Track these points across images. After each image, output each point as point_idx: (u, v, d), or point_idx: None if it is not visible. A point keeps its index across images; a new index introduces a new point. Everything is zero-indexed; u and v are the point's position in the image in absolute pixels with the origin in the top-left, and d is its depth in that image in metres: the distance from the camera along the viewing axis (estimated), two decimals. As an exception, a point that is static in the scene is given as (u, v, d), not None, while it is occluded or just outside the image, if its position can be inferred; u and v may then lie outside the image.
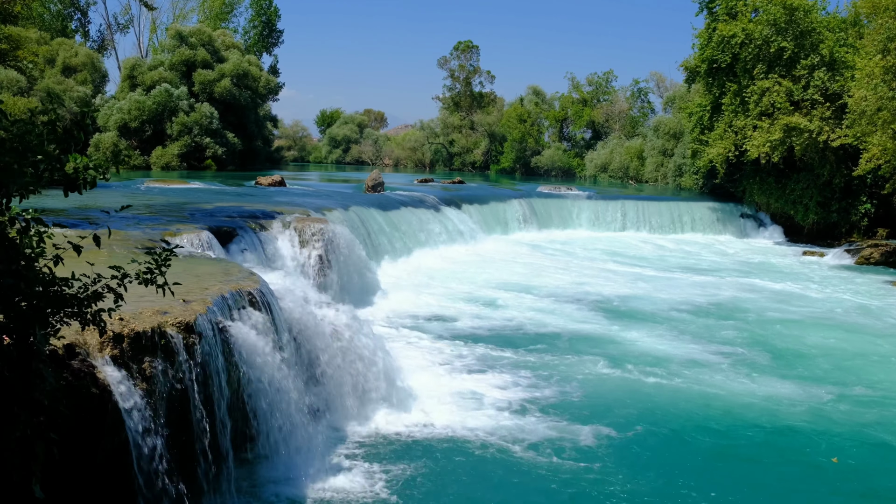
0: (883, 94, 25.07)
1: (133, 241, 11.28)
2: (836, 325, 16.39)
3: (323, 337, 9.58)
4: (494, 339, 13.95)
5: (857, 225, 31.38)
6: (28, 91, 43.97)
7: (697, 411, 10.50)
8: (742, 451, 9.28)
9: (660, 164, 52.24)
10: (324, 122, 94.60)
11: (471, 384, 11.18)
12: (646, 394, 11.16)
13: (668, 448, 9.29)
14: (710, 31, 33.28)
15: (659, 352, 13.50)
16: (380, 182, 29.13)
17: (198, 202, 19.48)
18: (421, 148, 78.77)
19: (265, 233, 15.22)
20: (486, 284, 19.28)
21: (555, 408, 10.35)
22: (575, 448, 9.01)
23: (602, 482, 8.14)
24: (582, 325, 15.41)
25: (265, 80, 53.64)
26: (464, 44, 75.04)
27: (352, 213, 21.02)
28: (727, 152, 32.30)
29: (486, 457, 8.69)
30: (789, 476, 8.65)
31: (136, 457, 5.96)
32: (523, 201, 32.44)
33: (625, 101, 67.18)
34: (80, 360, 5.73)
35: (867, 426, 10.13)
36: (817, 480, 8.57)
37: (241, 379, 7.60)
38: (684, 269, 23.89)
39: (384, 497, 7.66)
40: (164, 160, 46.14)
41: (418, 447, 8.89)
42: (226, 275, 9.18)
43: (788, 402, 10.97)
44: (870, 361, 13.52)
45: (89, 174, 4.51)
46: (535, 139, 67.55)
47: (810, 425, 10.07)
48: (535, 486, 8.07)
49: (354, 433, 9.20)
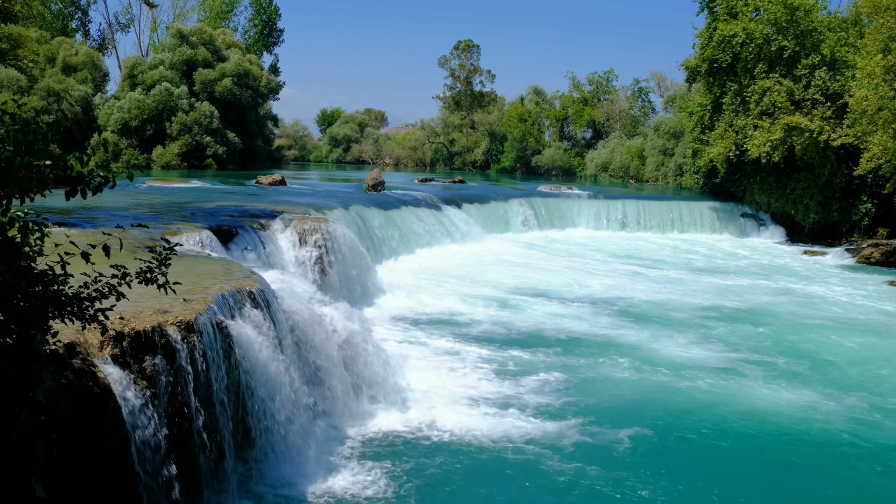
0: (884, 94, 25.06)
1: (134, 241, 11.27)
2: (853, 327, 16.24)
3: (323, 336, 9.57)
4: (494, 339, 13.94)
5: (858, 224, 31.37)
6: (28, 90, 43.99)
7: (726, 416, 10.42)
8: (774, 458, 9.13)
9: (660, 163, 52.22)
10: (324, 122, 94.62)
11: (472, 384, 11.17)
12: (648, 396, 11.15)
13: (671, 452, 9.29)
14: (711, 30, 33.28)
15: (668, 354, 13.43)
16: (380, 181, 29.12)
17: (198, 201, 19.47)
18: (421, 147, 78.77)
19: (266, 232, 15.22)
20: (487, 284, 19.26)
21: (557, 410, 10.33)
22: (581, 451, 9.00)
23: (623, 486, 8.13)
24: (580, 323, 15.41)
25: (266, 80, 53.62)
26: (464, 43, 75.01)
27: (352, 212, 21.01)
28: (728, 152, 32.29)
29: (486, 458, 8.68)
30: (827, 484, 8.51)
31: (137, 456, 5.96)
32: (524, 200, 32.43)
33: (625, 100, 67.14)
34: (80, 359, 5.73)
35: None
36: (860, 489, 8.43)
37: (242, 378, 7.60)
38: (684, 269, 23.86)
39: (384, 497, 7.65)
40: (165, 159, 46.16)
41: (419, 448, 8.88)
42: (226, 274, 9.18)
43: (818, 407, 10.77)
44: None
45: (97, 179, 4.48)
46: (535, 138, 67.54)
47: (846, 433, 9.84)
48: (542, 489, 8.04)
49: (355, 433, 9.19)
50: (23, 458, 4.10)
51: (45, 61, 47.99)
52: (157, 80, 47.98)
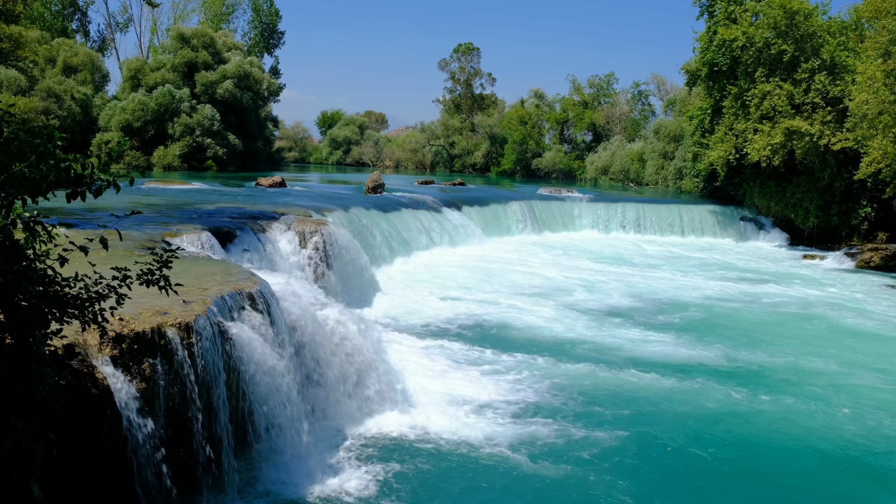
0: (884, 98, 25.08)
1: (134, 242, 11.28)
2: (853, 332, 16.23)
3: (322, 338, 9.57)
4: (494, 340, 13.94)
5: (858, 228, 31.38)
6: (29, 91, 44.03)
7: (722, 420, 10.48)
8: (763, 461, 9.24)
9: (660, 166, 52.22)
10: (325, 124, 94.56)
11: (470, 386, 11.16)
12: (651, 399, 11.16)
13: (667, 455, 9.29)
14: (711, 34, 33.33)
15: (666, 358, 13.46)
16: (380, 183, 29.11)
17: (198, 203, 19.48)
18: (422, 150, 78.72)
19: (265, 234, 15.22)
20: (486, 286, 19.25)
21: (560, 413, 10.33)
22: (580, 454, 9.00)
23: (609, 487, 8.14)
24: (580, 324, 15.41)
25: (266, 82, 53.68)
26: (464, 46, 74.98)
27: (352, 214, 21.01)
28: (728, 155, 32.31)
29: (485, 460, 8.68)
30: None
31: (135, 456, 5.96)
32: (524, 203, 32.43)
33: (626, 103, 67.13)
34: (79, 360, 5.73)
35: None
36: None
37: (241, 379, 7.60)
38: (682, 272, 23.86)
39: (383, 498, 7.65)
40: (166, 160, 46.21)
41: (418, 449, 8.88)
42: (226, 275, 9.18)
43: (814, 416, 10.75)
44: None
45: (98, 182, 4.47)
46: (535, 141, 67.50)
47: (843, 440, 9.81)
48: (534, 491, 8.05)
49: (353, 434, 9.19)
50: (22, 457, 4.10)
51: (45, 62, 48.04)
52: (159, 81, 48.04)
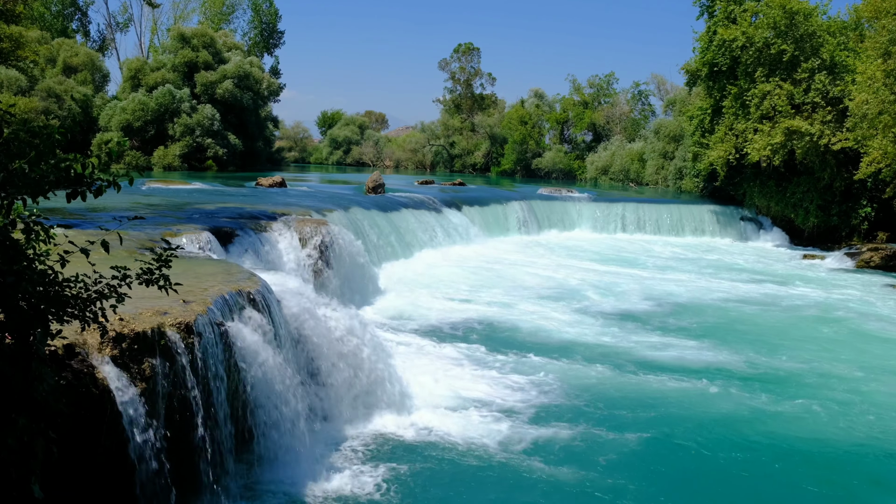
0: (884, 98, 25.07)
1: (134, 242, 11.28)
2: (853, 331, 16.23)
3: (323, 338, 9.57)
4: (494, 341, 13.93)
5: (858, 228, 31.37)
6: (29, 91, 44.02)
7: (721, 421, 10.48)
8: (767, 462, 9.25)
9: (660, 166, 52.21)
10: (325, 124, 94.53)
11: (470, 386, 11.16)
12: (650, 402, 11.16)
13: (679, 460, 9.29)
14: (711, 34, 33.31)
15: (668, 359, 13.46)
16: (380, 183, 29.12)
17: (198, 203, 19.48)
18: (422, 150, 78.69)
19: (265, 234, 15.22)
20: (486, 286, 19.25)
21: (561, 414, 10.33)
22: (584, 457, 9.00)
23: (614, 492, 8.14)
24: (580, 326, 15.42)
25: (266, 82, 53.67)
26: (465, 46, 74.95)
27: (352, 214, 21.02)
28: (728, 155, 32.30)
29: (485, 462, 8.66)
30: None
31: (136, 456, 5.96)
32: (524, 203, 32.43)
33: (626, 103, 67.10)
34: (79, 359, 5.73)
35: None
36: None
37: (241, 380, 7.60)
38: (682, 272, 23.85)
39: (383, 500, 7.65)
40: (166, 160, 46.21)
41: (418, 451, 8.87)
42: (226, 275, 9.18)
43: (816, 415, 10.74)
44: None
45: (101, 185, 4.47)
46: (535, 141, 67.47)
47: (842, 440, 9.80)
48: (546, 494, 8.04)
49: (354, 435, 9.19)
50: (22, 457, 4.10)
51: (45, 62, 48.04)
52: (160, 81, 48.04)
